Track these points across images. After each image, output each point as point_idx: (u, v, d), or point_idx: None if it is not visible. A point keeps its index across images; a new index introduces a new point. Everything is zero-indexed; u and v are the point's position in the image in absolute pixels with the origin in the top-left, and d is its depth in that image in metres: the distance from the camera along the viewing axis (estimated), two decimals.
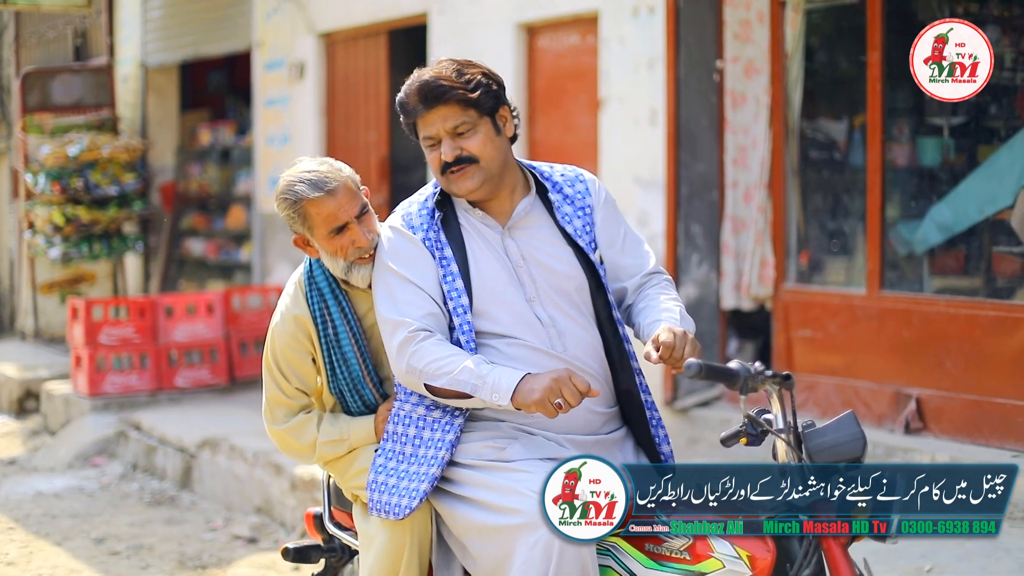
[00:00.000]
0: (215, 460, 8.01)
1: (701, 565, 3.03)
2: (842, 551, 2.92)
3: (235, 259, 12.15)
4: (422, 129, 3.29)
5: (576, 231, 3.35)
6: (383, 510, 3.28)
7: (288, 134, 10.62)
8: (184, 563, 6.57)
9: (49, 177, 11.62)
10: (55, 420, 10.16)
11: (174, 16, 12.35)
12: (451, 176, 3.28)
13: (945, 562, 4.72)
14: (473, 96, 3.24)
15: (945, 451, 5.85)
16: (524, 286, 3.29)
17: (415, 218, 3.34)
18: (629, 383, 3.35)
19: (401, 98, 3.31)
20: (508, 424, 3.27)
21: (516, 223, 3.34)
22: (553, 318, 3.28)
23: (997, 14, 6.40)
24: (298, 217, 3.41)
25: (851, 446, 2.99)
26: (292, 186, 3.41)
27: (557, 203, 3.37)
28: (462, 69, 3.27)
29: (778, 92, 6.99)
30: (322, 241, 3.41)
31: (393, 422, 3.35)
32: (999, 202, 6.22)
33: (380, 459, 3.34)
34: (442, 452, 3.22)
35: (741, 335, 7.36)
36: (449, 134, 3.25)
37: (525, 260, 3.31)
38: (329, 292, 3.48)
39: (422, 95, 3.24)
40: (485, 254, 3.30)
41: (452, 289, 3.26)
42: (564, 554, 3.02)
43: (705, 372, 2.98)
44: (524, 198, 3.36)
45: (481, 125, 3.27)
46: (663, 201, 7.18)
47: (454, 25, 8.76)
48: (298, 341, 3.48)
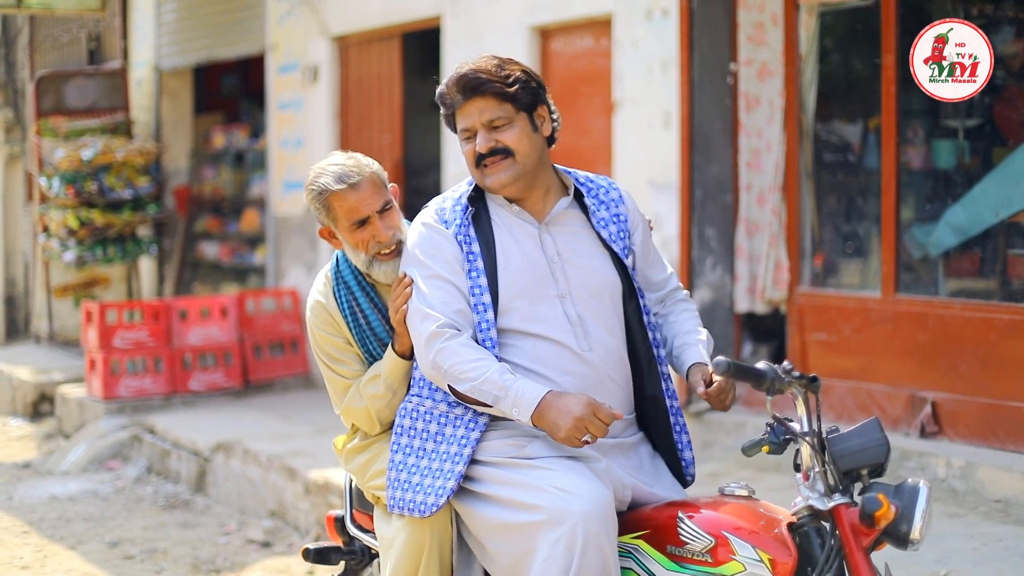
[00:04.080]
0: (229, 464, 8.02)
1: (722, 568, 3.02)
2: (864, 556, 2.91)
3: (249, 262, 12.17)
4: (460, 121, 3.32)
5: (611, 236, 3.36)
6: (406, 508, 3.26)
7: (302, 137, 10.63)
8: (198, 567, 6.58)
9: (63, 181, 11.65)
10: (69, 423, 10.18)
11: (188, 19, 12.38)
12: (485, 168, 3.30)
13: (960, 566, 4.71)
14: (510, 90, 3.26)
15: (960, 455, 5.84)
16: (557, 282, 3.30)
17: (448, 213, 3.35)
18: (655, 389, 3.36)
19: (441, 90, 3.34)
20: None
21: (553, 219, 3.35)
22: (582, 317, 3.29)
23: (1012, 15, 6.39)
24: (323, 208, 3.46)
25: (875, 452, 2.98)
26: (318, 177, 3.47)
27: (593, 207, 3.39)
28: (502, 64, 3.30)
29: (792, 95, 6.98)
30: (345, 234, 3.46)
31: (412, 417, 3.33)
32: (1014, 204, 6.21)
33: (398, 455, 3.33)
34: (466, 449, 3.22)
35: (755, 339, 7.34)
36: (485, 126, 3.27)
37: (560, 257, 3.32)
38: (356, 285, 3.50)
39: (460, 86, 3.28)
40: (517, 249, 3.30)
41: (475, 286, 3.26)
42: (586, 551, 3.01)
43: (733, 371, 2.99)
44: (561, 198, 3.38)
45: (517, 120, 3.29)
46: (677, 204, 7.17)
47: (467, 28, 8.77)
48: (332, 327, 3.51)
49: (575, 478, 3.10)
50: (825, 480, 2.98)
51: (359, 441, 3.54)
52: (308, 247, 10.54)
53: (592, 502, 3.04)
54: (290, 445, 7.94)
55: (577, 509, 3.03)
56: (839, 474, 2.97)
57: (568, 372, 3.24)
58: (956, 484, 5.72)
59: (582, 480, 3.09)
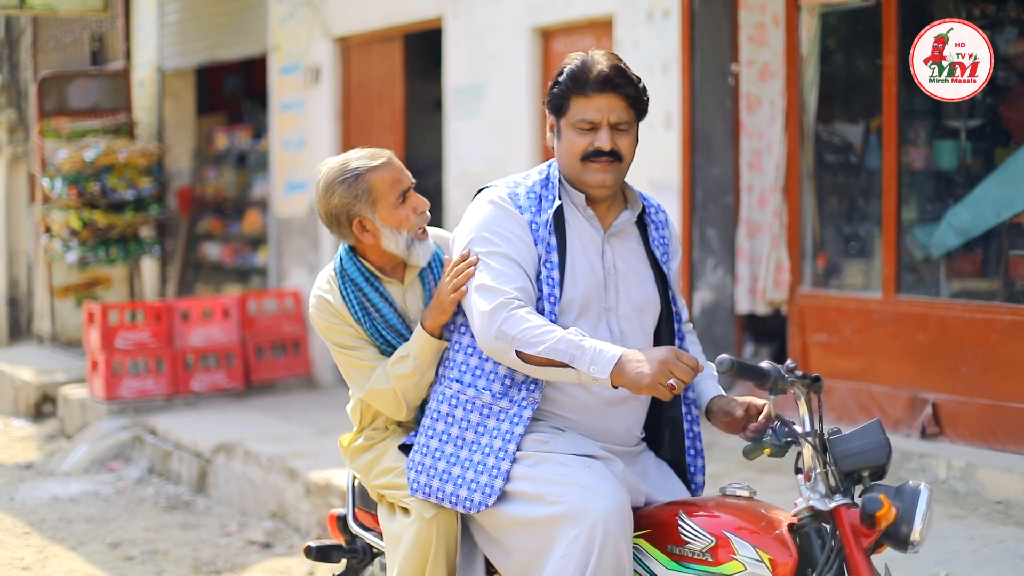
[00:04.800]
0: (230, 465, 8.02)
1: (723, 567, 3.02)
2: (864, 557, 2.90)
3: (251, 263, 12.18)
4: (581, 110, 3.24)
5: (662, 256, 3.38)
6: (446, 499, 3.23)
7: (304, 138, 10.64)
8: (198, 568, 6.58)
9: (66, 181, 11.66)
10: (72, 424, 10.19)
11: (190, 20, 12.39)
12: (593, 165, 3.25)
13: (961, 568, 4.70)
14: (641, 98, 3.26)
15: (961, 456, 5.83)
16: (607, 295, 3.30)
17: (522, 199, 3.30)
18: (676, 411, 3.37)
19: (576, 69, 3.24)
20: (547, 423, 3.26)
21: (615, 232, 3.34)
22: (624, 333, 3.29)
23: (1015, 16, 6.38)
24: (362, 193, 3.43)
25: (876, 453, 2.97)
26: (348, 164, 3.46)
27: (652, 224, 3.40)
28: (633, 72, 3.28)
29: (793, 95, 6.98)
30: (387, 214, 3.43)
31: (451, 404, 3.30)
32: (1016, 205, 6.20)
33: (432, 441, 3.30)
34: (511, 445, 3.19)
35: (757, 339, 7.34)
36: (611, 125, 3.24)
37: (616, 270, 3.31)
38: (363, 281, 3.49)
39: (603, 77, 3.21)
40: (582, 255, 3.29)
41: (549, 277, 3.23)
42: (604, 550, 3.01)
43: (737, 369, 2.99)
44: (626, 210, 3.37)
45: (633, 128, 3.28)
46: (678, 205, 7.17)
47: (469, 29, 8.77)
48: (338, 318, 3.49)
49: (596, 476, 3.10)
50: (826, 481, 2.97)
51: (364, 440, 3.55)
52: (310, 248, 10.54)
53: (612, 501, 3.05)
54: (291, 446, 7.94)
55: (597, 507, 3.03)
56: (840, 475, 2.97)
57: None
58: (957, 485, 5.72)
59: (602, 479, 3.10)
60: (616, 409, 3.29)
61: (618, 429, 3.30)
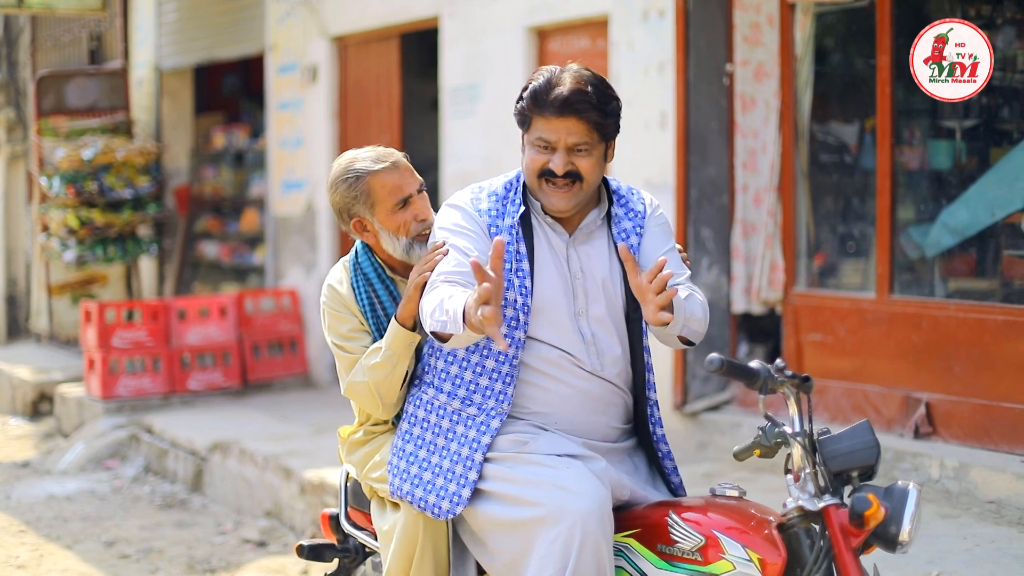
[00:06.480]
0: (226, 464, 8.03)
1: (712, 567, 3.04)
2: (853, 557, 2.91)
3: (249, 262, 12.18)
4: (540, 129, 3.22)
5: (631, 248, 3.32)
6: (424, 508, 3.27)
7: (301, 137, 10.64)
8: (193, 567, 6.59)
9: (64, 180, 11.66)
10: (68, 423, 10.20)
11: (188, 20, 12.39)
12: (549, 187, 3.24)
13: (953, 567, 4.71)
14: (604, 122, 3.21)
15: (954, 456, 5.84)
16: (576, 299, 3.29)
17: (484, 202, 3.32)
18: (643, 413, 3.38)
19: (537, 89, 3.22)
20: (527, 423, 3.28)
21: (581, 233, 3.33)
22: (595, 335, 3.29)
23: (1010, 16, 6.39)
24: (361, 195, 3.45)
25: (865, 454, 2.98)
26: (352, 164, 3.47)
27: (618, 217, 3.36)
28: (605, 92, 3.21)
29: (788, 95, 6.99)
30: (385, 218, 3.45)
31: (426, 408, 3.33)
32: (1011, 205, 6.20)
33: (408, 445, 3.34)
34: (477, 454, 3.22)
35: (751, 339, 7.35)
36: (568, 148, 3.20)
37: (583, 273, 3.31)
38: (375, 276, 3.50)
39: (561, 100, 3.17)
40: (548, 261, 3.29)
41: (522, 285, 3.24)
42: (583, 550, 3.03)
43: (726, 368, 2.99)
44: (592, 211, 3.34)
45: (596, 150, 3.23)
46: (673, 205, 7.18)
47: (465, 29, 8.78)
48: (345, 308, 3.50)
49: (575, 476, 3.11)
50: (816, 481, 2.98)
51: (363, 435, 3.56)
52: (307, 247, 10.55)
53: (591, 501, 3.06)
54: (287, 445, 7.95)
55: (576, 507, 3.04)
56: (829, 475, 2.98)
57: (576, 384, 3.27)
58: (949, 485, 5.73)
59: (581, 479, 3.11)
60: (594, 402, 3.29)
61: (598, 423, 3.31)
